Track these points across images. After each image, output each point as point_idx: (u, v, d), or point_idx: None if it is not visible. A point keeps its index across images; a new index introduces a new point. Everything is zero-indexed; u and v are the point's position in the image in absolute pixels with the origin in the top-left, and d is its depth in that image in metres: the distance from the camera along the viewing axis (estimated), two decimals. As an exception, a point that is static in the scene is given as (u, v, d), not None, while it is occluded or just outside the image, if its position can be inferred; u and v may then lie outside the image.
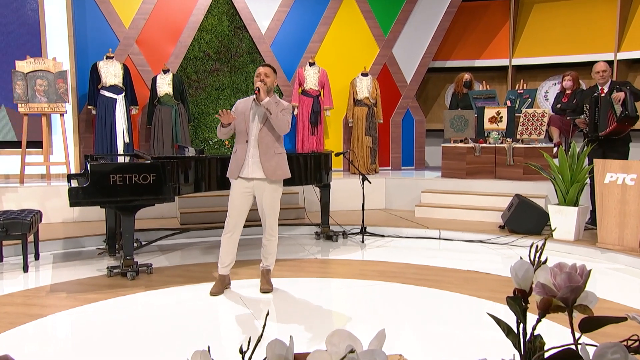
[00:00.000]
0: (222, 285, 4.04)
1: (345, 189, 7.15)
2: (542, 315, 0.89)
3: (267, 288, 4.06)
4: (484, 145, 7.10)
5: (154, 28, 7.75)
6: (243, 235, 5.47)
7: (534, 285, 0.91)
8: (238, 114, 3.94)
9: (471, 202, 6.71)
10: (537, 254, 0.96)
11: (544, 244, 0.96)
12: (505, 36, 9.34)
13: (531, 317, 0.93)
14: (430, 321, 3.51)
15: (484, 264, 4.92)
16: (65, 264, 4.94)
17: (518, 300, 0.92)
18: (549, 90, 9.26)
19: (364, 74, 8.20)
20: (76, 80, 7.32)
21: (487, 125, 7.29)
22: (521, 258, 0.96)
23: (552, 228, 5.45)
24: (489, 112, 7.31)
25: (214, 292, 3.98)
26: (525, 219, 5.70)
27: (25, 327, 3.36)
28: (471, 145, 7.10)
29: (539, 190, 6.49)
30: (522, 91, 7.71)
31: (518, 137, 7.09)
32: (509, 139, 7.03)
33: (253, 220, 4.32)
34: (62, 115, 6.85)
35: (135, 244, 4.88)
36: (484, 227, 6.06)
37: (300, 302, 3.85)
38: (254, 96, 3.94)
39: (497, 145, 7.05)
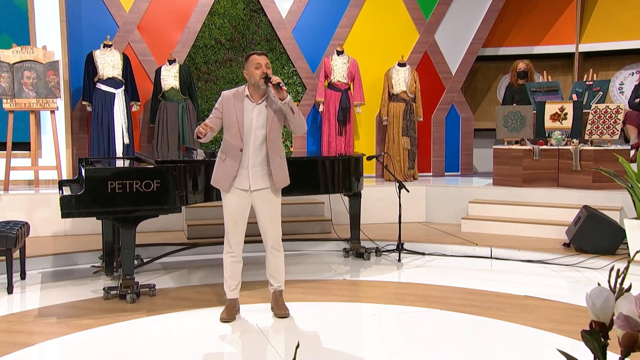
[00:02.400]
0: (233, 311, 4.07)
1: (378, 199, 7.11)
2: (625, 354, 0.87)
3: (284, 313, 4.09)
4: (544, 147, 7.00)
5: (158, 12, 7.86)
6: (258, 252, 5.48)
7: (615, 317, 0.89)
8: (227, 113, 3.90)
9: (529, 215, 6.61)
10: (619, 280, 0.94)
11: (627, 268, 0.94)
12: (571, 17, 9.21)
13: (612, 356, 0.91)
14: (481, 356, 3.45)
15: (546, 289, 4.84)
16: (56, 284, 5.02)
17: (596, 335, 0.90)
18: (624, 82, 9.09)
19: (401, 64, 8.18)
20: (69, 72, 7.46)
21: (548, 123, 7.19)
22: (599, 284, 0.93)
23: (631, 248, 5.33)
24: (550, 108, 7.21)
25: (225, 318, 4.01)
26: (596, 236, 5.60)
27: (9, 358, 3.42)
28: (529, 147, 7.02)
29: (613, 202, 6.36)
30: (591, 83, 7.59)
31: (586, 137, 6.98)
32: (575, 140, 6.93)
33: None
34: (52, 112, 6.98)
35: (135, 262, 4.93)
36: (544, 245, 5.97)
37: (327, 331, 3.84)
38: (245, 90, 3.89)
39: (560, 147, 6.94)
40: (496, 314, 4.15)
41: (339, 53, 8.08)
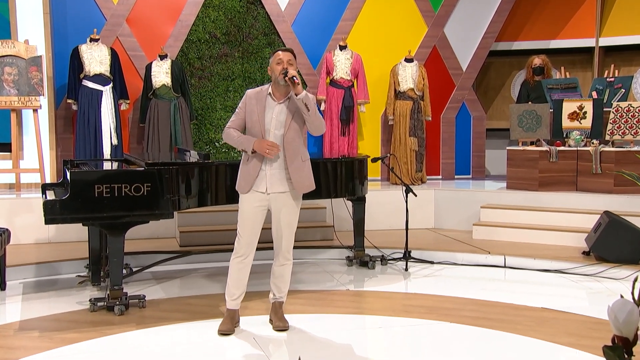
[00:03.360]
0: (232, 322, 4.08)
1: (384, 203, 7.11)
2: (650, 371, 0.87)
3: (283, 325, 4.10)
4: (562, 148, 7.00)
5: (148, 4, 7.87)
6: (259, 261, 5.47)
7: (639, 332, 0.89)
8: (249, 112, 3.96)
9: (545, 221, 6.61)
10: (643, 291, 0.94)
11: (652, 278, 0.94)
12: (590, 9, 9.20)
13: (636, 373, 0.91)
14: (495, 373, 3.45)
15: (564, 301, 4.83)
16: (38, 295, 5.02)
17: (618, 351, 0.89)
18: (647, 78, 9.08)
19: (408, 60, 8.18)
20: (53, 68, 7.47)
21: (566, 123, 7.19)
22: (622, 296, 0.93)
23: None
24: (568, 107, 7.20)
25: (223, 331, 4.01)
26: (618, 244, 5.59)
27: (-10, 373, 3.42)
28: (545, 148, 7.01)
29: (636, 207, 6.35)
30: (612, 79, 7.59)
31: (607, 138, 6.97)
32: (595, 141, 6.92)
33: (265, 242, 4.36)
34: (35, 111, 6.99)
35: (124, 271, 4.93)
36: (562, 253, 5.96)
37: (329, 345, 3.84)
38: (269, 88, 3.97)
39: (579, 148, 6.94)
40: (510, 327, 4.15)
41: (342, 48, 8.09)
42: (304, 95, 3.81)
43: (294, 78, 3.78)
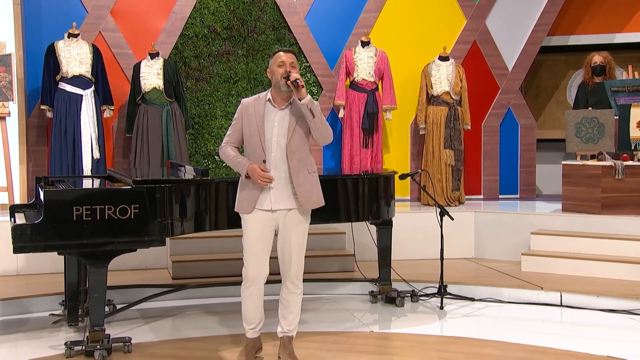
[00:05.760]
0: (252, 351, 4.23)
1: (414, 228, 7.09)
2: None
3: None
4: (629, 163, 6.96)
5: (136, -7, 7.97)
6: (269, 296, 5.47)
7: None
8: (247, 122, 4.10)
9: (610, 251, 6.55)
10: None
11: None
12: (662, -3, 9.18)
13: None
14: None
15: (633, 347, 4.77)
16: (5, 337, 5.02)
17: None
18: None
19: (443, 58, 8.18)
20: (24, 68, 7.53)
21: (634, 132, 7.14)
22: None
23: None
24: (638, 113, 7.16)
25: None
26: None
27: None
28: (609, 163, 6.98)
29: None
30: (690, 81, 7.54)
31: (684, 151, 6.94)
32: (668, 154, 6.89)
33: (272, 274, 4.36)
34: (3, 118, 7.05)
35: (107, 308, 4.93)
36: (631, 290, 5.90)
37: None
38: (267, 94, 4.10)
39: (649, 163, 6.91)
40: (569, 378, 4.12)
41: (364, 44, 8.11)
42: (308, 100, 3.92)
43: (297, 81, 3.90)
